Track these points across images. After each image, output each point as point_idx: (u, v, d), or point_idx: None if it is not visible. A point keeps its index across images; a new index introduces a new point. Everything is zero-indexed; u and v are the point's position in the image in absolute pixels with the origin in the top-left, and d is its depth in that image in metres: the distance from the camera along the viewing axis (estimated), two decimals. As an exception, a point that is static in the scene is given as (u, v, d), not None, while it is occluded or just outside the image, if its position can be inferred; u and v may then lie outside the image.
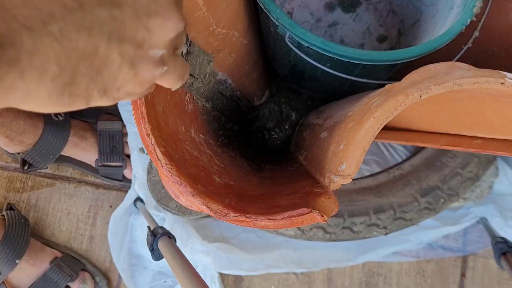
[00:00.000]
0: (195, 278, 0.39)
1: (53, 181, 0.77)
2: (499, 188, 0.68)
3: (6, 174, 0.77)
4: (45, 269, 0.67)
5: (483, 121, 0.37)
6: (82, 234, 0.76)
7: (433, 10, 0.52)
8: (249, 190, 0.38)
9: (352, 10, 0.65)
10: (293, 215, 0.29)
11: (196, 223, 0.70)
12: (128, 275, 0.71)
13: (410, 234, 0.68)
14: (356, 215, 0.59)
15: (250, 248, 0.70)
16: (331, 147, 0.34)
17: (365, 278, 0.75)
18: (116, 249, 0.70)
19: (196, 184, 0.31)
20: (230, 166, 0.45)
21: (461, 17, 0.41)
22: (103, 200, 0.77)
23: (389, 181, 0.63)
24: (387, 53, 0.41)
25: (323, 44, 0.40)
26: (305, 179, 0.38)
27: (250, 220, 0.30)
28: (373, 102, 0.31)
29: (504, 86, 0.29)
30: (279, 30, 0.43)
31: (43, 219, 0.76)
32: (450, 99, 0.35)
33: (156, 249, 0.48)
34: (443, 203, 0.61)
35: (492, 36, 0.50)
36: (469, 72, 0.29)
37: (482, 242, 0.74)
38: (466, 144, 0.39)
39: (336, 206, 0.31)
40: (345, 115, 0.36)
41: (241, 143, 0.61)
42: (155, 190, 0.65)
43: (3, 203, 0.76)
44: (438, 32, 0.43)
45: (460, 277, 0.75)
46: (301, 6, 0.66)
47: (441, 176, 0.61)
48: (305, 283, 0.74)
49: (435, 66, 0.31)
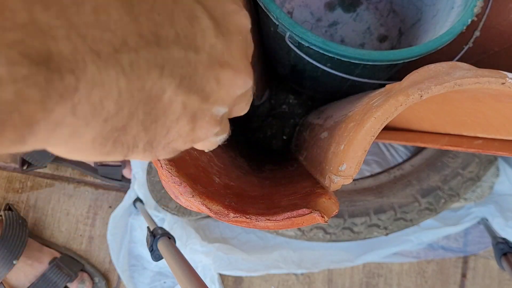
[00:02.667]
0: (194, 279, 0.39)
1: (52, 182, 0.77)
2: (500, 189, 0.68)
3: (5, 174, 0.77)
4: (44, 270, 0.67)
5: (484, 121, 0.37)
6: (81, 235, 0.76)
7: (434, 10, 0.52)
8: (249, 191, 0.38)
9: (352, 9, 0.65)
10: (293, 216, 0.29)
11: (195, 224, 0.70)
12: (128, 275, 0.71)
13: (411, 235, 0.68)
14: (357, 216, 0.59)
15: (250, 248, 0.70)
16: (332, 147, 0.34)
17: (366, 279, 0.74)
18: (116, 249, 0.70)
19: (195, 185, 0.31)
20: (230, 167, 0.45)
21: (462, 17, 0.41)
22: (102, 201, 0.76)
23: (389, 182, 0.63)
24: (388, 53, 0.40)
25: (324, 43, 0.40)
26: (306, 180, 0.38)
27: (250, 221, 0.30)
28: (374, 102, 0.31)
29: (505, 86, 0.29)
30: (279, 29, 0.43)
31: (42, 219, 0.76)
32: (450, 99, 0.35)
33: (155, 250, 0.48)
34: (444, 204, 0.61)
35: (493, 36, 0.50)
36: (470, 72, 0.29)
37: (483, 242, 0.74)
38: (467, 145, 0.39)
39: (337, 207, 0.30)
40: (345, 115, 0.36)
41: (241, 144, 0.61)
42: (155, 190, 0.65)
43: (2, 204, 0.76)
44: (439, 32, 0.43)
45: (461, 277, 0.74)
46: (301, 6, 0.65)
47: (441, 177, 0.61)
48: (305, 283, 0.74)
49: (435, 66, 0.31)
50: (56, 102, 0.12)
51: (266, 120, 0.70)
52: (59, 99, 0.12)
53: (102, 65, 0.13)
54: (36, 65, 0.11)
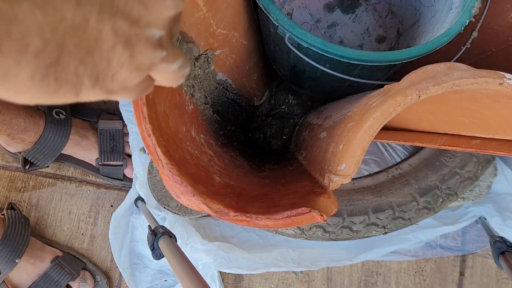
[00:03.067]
0: (195, 277, 0.39)
1: (54, 181, 0.77)
2: (498, 188, 0.69)
3: (7, 174, 0.77)
4: (46, 268, 0.68)
5: (482, 121, 0.37)
6: (83, 234, 0.76)
7: (432, 10, 0.52)
8: (249, 190, 0.38)
9: (351, 11, 0.65)
10: (293, 215, 0.30)
11: (196, 222, 0.70)
12: (129, 274, 0.71)
13: (409, 234, 0.68)
14: (355, 215, 0.59)
15: (250, 247, 0.70)
16: (331, 147, 0.34)
17: (364, 277, 0.75)
18: (117, 248, 0.70)
19: (196, 184, 0.31)
20: (230, 166, 0.45)
21: (460, 18, 0.41)
22: (104, 200, 0.77)
23: (388, 181, 0.63)
24: (386, 54, 0.41)
25: (323, 44, 0.40)
26: (305, 179, 0.38)
27: (250, 220, 0.31)
28: (372, 102, 0.31)
29: (503, 87, 0.29)
30: (278, 31, 0.43)
31: (44, 218, 0.76)
32: (448, 100, 0.35)
33: (156, 248, 0.49)
34: (442, 203, 0.61)
35: (491, 37, 0.51)
36: (467, 73, 0.29)
37: (481, 241, 0.74)
38: (465, 144, 0.40)
39: (336, 206, 0.31)
40: (344, 115, 0.36)
41: (241, 143, 0.62)
42: (156, 189, 0.65)
43: (5, 203, 0.76)
44: (437, 33, 0.44)
45: (459, 276, 0.75)
46: (300, 7, 0.66)
47: (440, 176, 0.62)
48: (305, 282, 0.75)
49: (433, 67, 0.31)
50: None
51: (266, 120, 0.71)
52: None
53: (13, 0, 0.13)
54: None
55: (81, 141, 0.72)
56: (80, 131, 0.72)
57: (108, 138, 0.72)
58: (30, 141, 0.68)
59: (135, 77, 0.20)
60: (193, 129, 0.43)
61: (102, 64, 0.18)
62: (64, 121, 0.70)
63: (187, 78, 0.41)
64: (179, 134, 0.37)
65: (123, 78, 0.19)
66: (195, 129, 0.43)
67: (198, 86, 0.45)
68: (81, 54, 0.17)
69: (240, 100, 0.62)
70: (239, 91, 0.60)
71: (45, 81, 0.16)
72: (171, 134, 0.35)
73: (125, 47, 0.18)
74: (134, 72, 0.19)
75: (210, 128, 0.51)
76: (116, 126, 0.73)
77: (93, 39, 0.17)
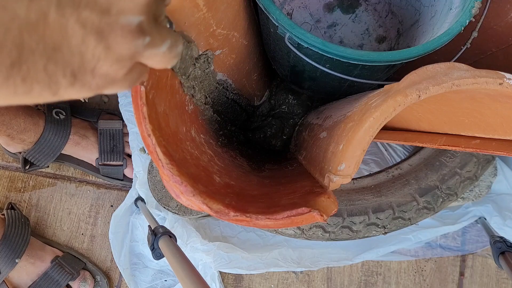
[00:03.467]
0: (195, 277, 0.39)
1: (54, 181, 0.77)
2: (498, 188, 0.69)
3: (7, 174, 0.77)
4: (46, 268, 0.68)
5: (482, 121, 0.37)
6: (83, 234, 0.76)
7: (432, 11, 0.52)
8: (249, 190, 0.38)
9: (351, 11, 0.65)
10: (292, 215, 0.30)
11: (196, 222, 0.70)
12: (129, 274, 0.71)
13: (409, 234, 0.68)
14: (355, 215, 0.59)
15: (250, 247, 0.70)
16: (331, 147, 0.34)
17: (364, 277, 0.75)
18: (117, 248, 0.70)
19: (196, 184, 0.31)
20: (230, 166, 0.45)
21: (460, 18, 0.41)
22: (104, 200, 0.77)
23: (388, 181, 0.63)
24: (386, 54, 0.41)
25: (322, 44, 0.40)
26: (305, 179, 0.38)
27: (250, 220, 0.31)
28: (372, 102, 0.31)
29: (503, 87, 0.29)
30: (278, 31, 0.44)
31: (44, 218, 0.76)
32: (448, 100, 0.35)
33: (156, 248, 0.49)
34: (442, 203, 0.61)
35: (491, 37, 0.51)
36: (467, 73, 0.29)
37: (481, 241, 0.74)
38: (465, 144, 0.40)
39: (336, 206, 0.31)
40: (344, 115, 0.36)
41: (241, 143, 0.62)
42: (156, 189, 0.65)
43: (5, 203, 0.76)
44: (437, 33, 0.44)
45: (459, 276, 0.75)
46: (300, 7, 0.66)
47: (439, 176, 0.62)
48: (305, 282, 0.75)
49: (433, 67, 0.31)
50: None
51: (266, 120, 0.71)
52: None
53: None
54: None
55: (81, 141, 0.72)
56: (80, 131, 0.72)
57: (108, 138, 0.72)
58: (30, 141, 0.68)
59: (119, 69, 0.19)
60: (193, 129, 0.43)
61: (74, 60, 0.17)
62: (64, 121, 0.70)
63: (187, 79, 0.41)
64: (179, 134, 0.37)
65: (105, 72, 0.18)
66: (195, 129, 0.43)
67: (198, 87, 0.45)
68: (47, 52, 0.16)
69: (240, 100, 0.62)
70: (239, 91, 0.60)
71: (11, 82, 0.15)
72: (171, 134, 0.35)
73: (97, 39, 0.17)
74: (115, 64, 0.18)
75: (210, 128, 0.51)
76: (116, 126, 0.73)
77: (58, 34, 0.16)
